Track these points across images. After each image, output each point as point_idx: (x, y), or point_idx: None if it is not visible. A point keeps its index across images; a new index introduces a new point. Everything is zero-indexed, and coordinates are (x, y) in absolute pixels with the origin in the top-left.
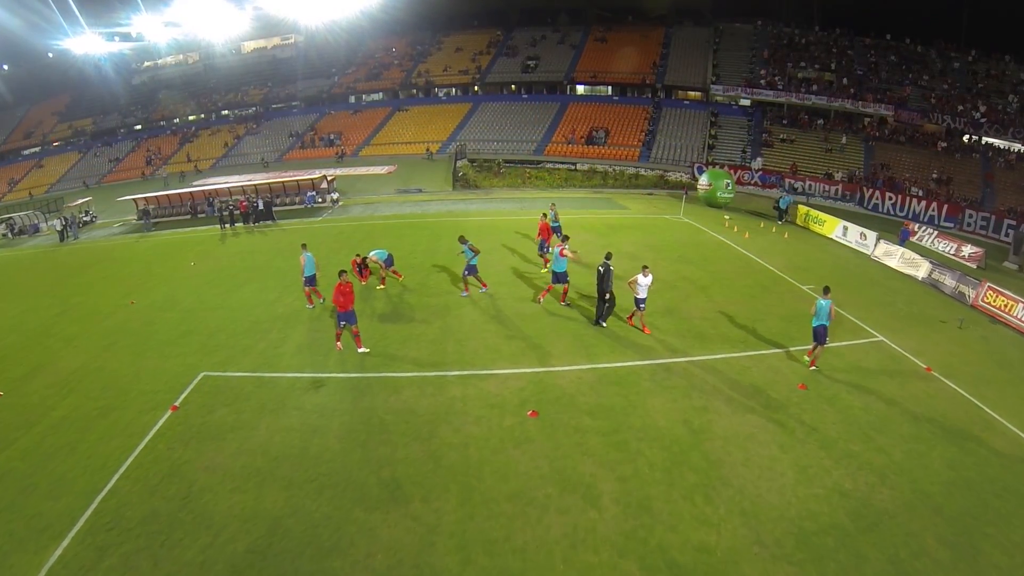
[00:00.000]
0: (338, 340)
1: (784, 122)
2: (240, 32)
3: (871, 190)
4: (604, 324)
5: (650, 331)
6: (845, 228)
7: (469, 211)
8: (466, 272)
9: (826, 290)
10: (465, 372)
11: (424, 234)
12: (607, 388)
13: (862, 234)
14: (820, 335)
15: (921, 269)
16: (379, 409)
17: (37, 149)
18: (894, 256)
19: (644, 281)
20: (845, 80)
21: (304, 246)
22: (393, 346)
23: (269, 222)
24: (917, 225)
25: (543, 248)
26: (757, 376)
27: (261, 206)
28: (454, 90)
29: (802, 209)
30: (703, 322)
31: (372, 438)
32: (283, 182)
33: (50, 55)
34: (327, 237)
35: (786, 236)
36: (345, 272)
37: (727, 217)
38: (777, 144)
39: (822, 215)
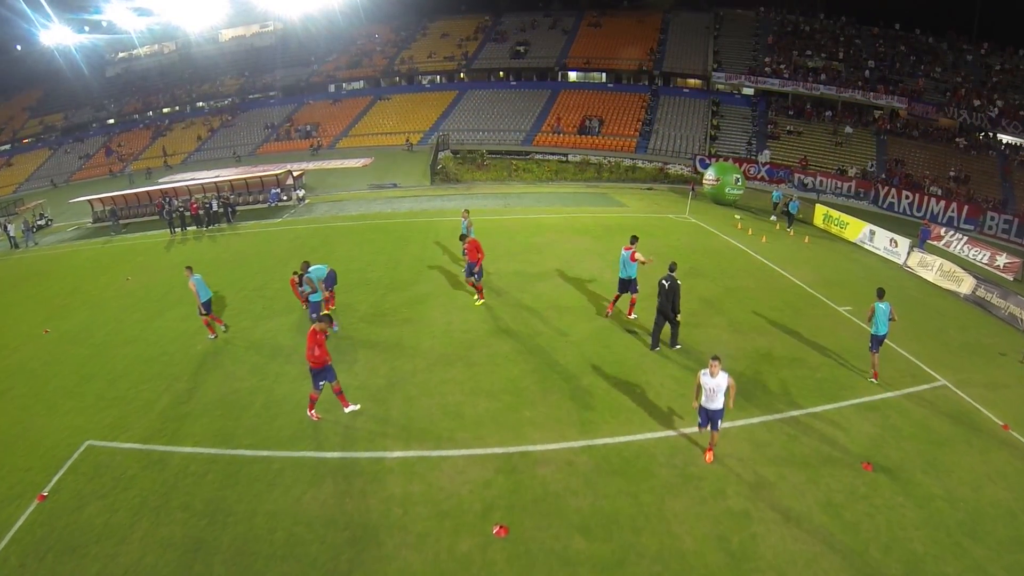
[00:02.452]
0: (312, 408)
1: (790, 113)
2: (217, 20)
3: (886, 188)
4: (677, 346)
5: (712, 459)
6: (872, 232)
7: (445, 209)
8: (311, 313)
9: (881, 293)
10: (411, 453)
11: (390, 239)
12: (609, 481)
13: (892, 240)
14: (879, 342)
15: (964, 284)
16: (286, 515)
17: (7, 147)
18: (931, 268)
19: (713, 384)
20: (867, 72)
21: (190, 269)
22: (323, 404)
23: (224, 225)
24: (944, 229)
25: (472, 273)
26: (808, 450)
27: (215, 207)
28: (439, 77)
29: (821, 209)
30: (728, 364)
31: (270, 568)
32: (245, 179)
33: (18, 47)
34: (281, 243)
35: (807, 240)
36: (328, 318)
37: (738, 217)
38: (784, 136)
39: (844, 216)
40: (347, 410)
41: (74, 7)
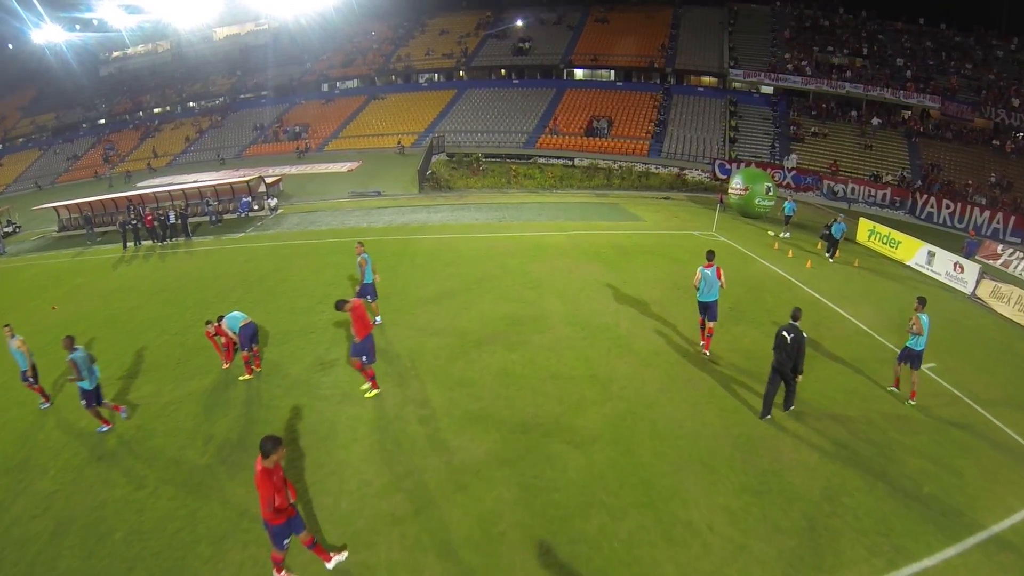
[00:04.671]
0: (280, 572)
1: (813, 113)
2: (210, 18)
3: (925, 196)
4: (791, 407)
5: None
6: (931, 255)
7: (429, 224)
8: (82, 401)
9: (923, 302)
10: None
11: (356, 262)
12: None
13: (957, 265)
14: (919, 358)
15: None
16: None
17: None
18: (1007, 300)
19: None
20: (908, 72)
21: (9, 328)
22: (216, 534)
23: (181, 239)
24: (1001, 247)
25: (367, 354)
26: None
27: (172, 219)
28: (437, 76)
29: (865, 224)
30: (795, 478)
31: None
32: (215, 186)
33: (9, 46)
34: (233, 265)
35: (856, 264)
36: (276, 441)
37: (772, 234)
38: (808, 139)
39: (895, 234)
40: (331, 564)
41: (65, 5)
